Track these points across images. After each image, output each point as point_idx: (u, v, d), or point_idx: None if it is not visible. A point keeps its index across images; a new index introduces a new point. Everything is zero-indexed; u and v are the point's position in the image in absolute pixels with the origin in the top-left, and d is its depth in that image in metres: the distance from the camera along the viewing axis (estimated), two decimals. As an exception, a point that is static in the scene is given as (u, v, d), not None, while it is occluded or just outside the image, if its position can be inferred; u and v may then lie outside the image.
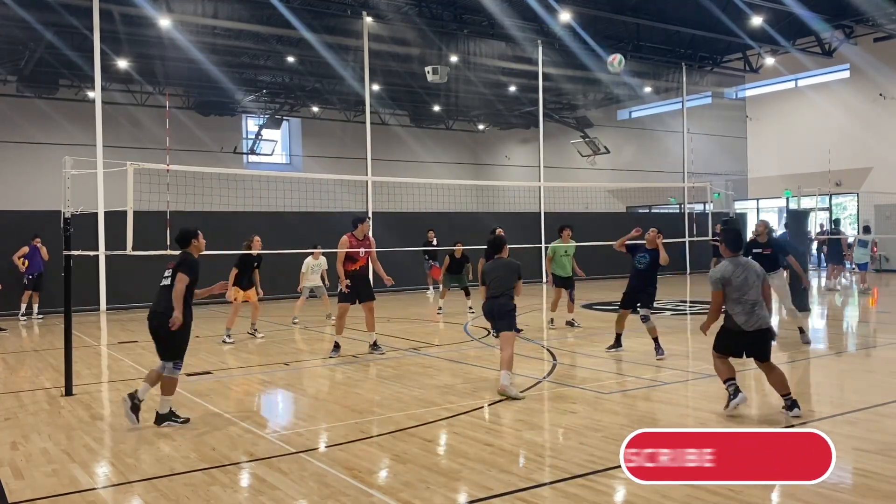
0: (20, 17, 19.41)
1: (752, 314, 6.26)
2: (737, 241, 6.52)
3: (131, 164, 8.59)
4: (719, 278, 6.33)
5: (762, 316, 6.30)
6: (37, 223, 15.88)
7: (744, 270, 6.34)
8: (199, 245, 6.84)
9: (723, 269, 6.36)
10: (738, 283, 6.28)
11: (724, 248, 6.53)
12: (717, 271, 6.39)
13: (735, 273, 6.32)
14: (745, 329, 6.27)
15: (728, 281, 6.30)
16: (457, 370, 9.05)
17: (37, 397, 7.86)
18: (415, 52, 24.30)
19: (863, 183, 26.66)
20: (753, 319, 6.25)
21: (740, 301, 6.28)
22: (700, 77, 29.72)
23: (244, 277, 11.97)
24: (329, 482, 4.91)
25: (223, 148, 31.55)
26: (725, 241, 6.53)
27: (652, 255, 9.83)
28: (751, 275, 6.34)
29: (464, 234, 18.70)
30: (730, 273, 6.33)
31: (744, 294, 6.26)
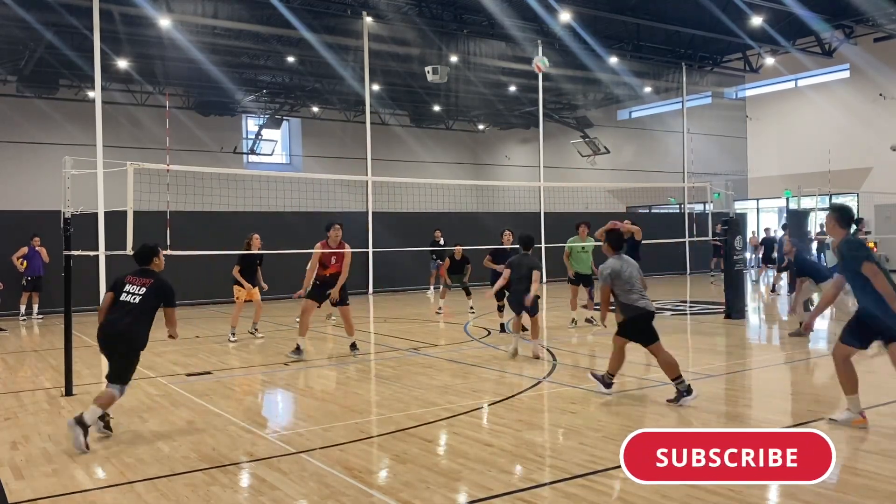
0: (20, 17, 19.42)
1: (644, 298, 7.13)
2: (619, 241, 7.48)
3: (131, 164, 8.59)
4: (609, 273, 7.12)
5: (648, 300, 7.17)
6: (37, 223, 15.88)
7: (628, 265, 7.21)
8: (160, 263, 6.64)
9: (612, 265, 7.16)
10: (627, 276, 7.11)
11: (608, 248, 7.39)
12: (606, 267, 7.18)
13: (624, 267, 7.15)
14: (648, 310, 7.05)
15: (618, 274, 7.10)
16: (457, 370, 9.05)
17: (37, 397, 7.86)
18: (415, 52, 24.30)
19: (863, 183, 26.66)
20: (648, 303, 7.12)
21: (633, 290, 7.09)
22: (700, 77, 29.72)
23: (247, 276, 11.98)
24: (329, 482, 4.91)
25: (223, 148, 31.56)
26: (609, 241, 7.42)
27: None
28: (634, 269, 7.25)
29: (464, 233, 18.73)
30: (619, 268, 7.14)
31: (634, 284, 7.10)
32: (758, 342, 11.77)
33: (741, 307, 13.87)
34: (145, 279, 6.36)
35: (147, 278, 6.37)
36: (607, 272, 7.09)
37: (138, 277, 6.39)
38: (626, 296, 7.05)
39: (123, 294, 6.32)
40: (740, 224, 14.53)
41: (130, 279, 6.39)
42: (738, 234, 14.03)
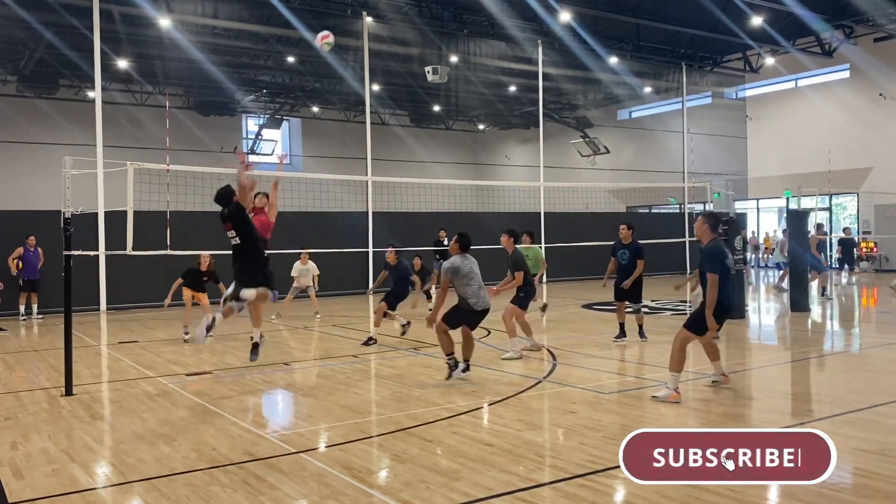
0: (20, 17, 19.42)
1: (479, 296, 8.02)
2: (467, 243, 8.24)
3: (131, 164, 8.60)
4: (448, 268, 8.00)
5: (486, 298, 8.12)
6: (37, 223, 15.87)
7: (471, 263, 8.10)
8: None
9: (453, 262, 8.04)
10: (467, 272, 7.98)
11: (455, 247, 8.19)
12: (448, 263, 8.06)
13: (465, 264, 8.04)
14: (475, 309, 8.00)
15: (457, 270, 7.98)
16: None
17: (37, 397, 7.86)
18: (415, 52, 24.30)
19: (863, 183, 26.67)
20: (481, 301, 8.03)
21: (469, 286, 7.97)
22: (700, 77, 29.72)
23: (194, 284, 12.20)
24: (329, 482, 4.91)
25: (223, 148, 31.54)
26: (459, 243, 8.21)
27: (630, 250, 10.58)
28: (475, 266, 8.12)
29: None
30: (460, 264, 8.04)
31: (471, 280, 7.98)
32: (758, 342, 11.76)
33: (741, 307, 13.87)
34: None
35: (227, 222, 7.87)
36: (447, 267, 8.01)
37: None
38: (462, 289, 8.01)
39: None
40: (740, 224, 14.54)
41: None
42: (738, 234, 14.04)
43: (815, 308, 15.27)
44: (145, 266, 16.51)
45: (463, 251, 8.20)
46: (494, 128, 41.24)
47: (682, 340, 7.08)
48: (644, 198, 32.81)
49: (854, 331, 13.04)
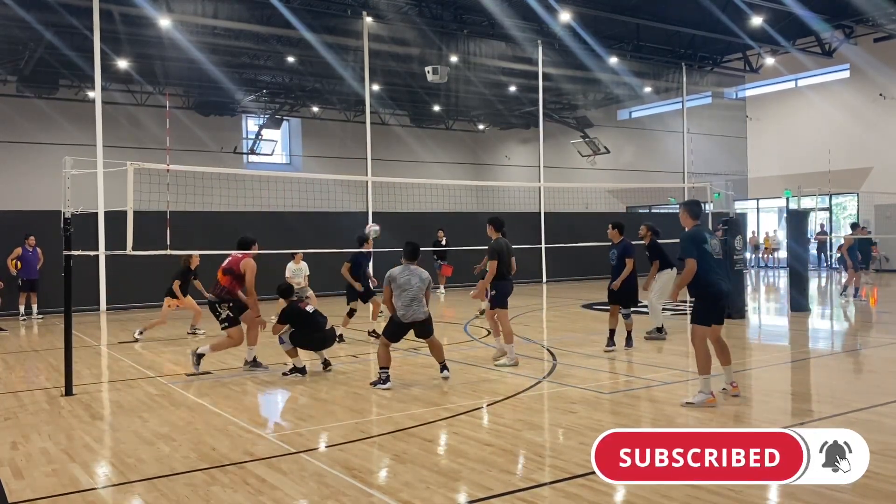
0: (20, 17, 19.42)
1: (409, 308, 7.86)
2: (414, 253, 8.10)
3: (131, 164, 8.59)
4: (387, 276, 7.94)
5: (416, 311, 7.88)
6: (37, 223, 15.87)
7: (410, 274, 7.90)
8: None
9: (391, 271, 7.95)
10: (402, 283, 7.86)
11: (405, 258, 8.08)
12: (389, 271, 7.96)
13: (402, 274, 7.90)
14: (403, 321, 7.89)
15: (394, 279, 7.88)
16: (457, 370, 9.05)
17: (37, 397, 7.86)
18: (415, 52, 24.30)
19: (863, 183, 26.67)
20: (410, 313, 7.87)
21: (400, 297, 7.86)
22: (700, 77, 29.73)
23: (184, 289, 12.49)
24: (329, 482, 4.91)
25: (223, 148, 31.56)
26: (405, 252, 8.09)
27: (618, 250, 10.42)
28: (414, 278, 7.90)
29: (464, 233, 18.72)
30: (396, 274, 7.92)
31: (403, 291, 7.84)
32: (758, 342, 11.76)
33: (741, 307, 13.87)
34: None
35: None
36: (387, 275, 7.94)
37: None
38: (395, 299, 7.93)
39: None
40: (740, 224, 14.55)
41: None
42: (739, 234, 14.04)
43: (813, 308, 15.27)
44: (145, 266, 16.50)
45: (408, 260, 8.06)
46: (494, 128, 41.24)
47: (698, 339, 6.88)
48: (644, 198, 32.81)
49: (854, 331, 13.04)
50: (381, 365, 7.94)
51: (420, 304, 7.92)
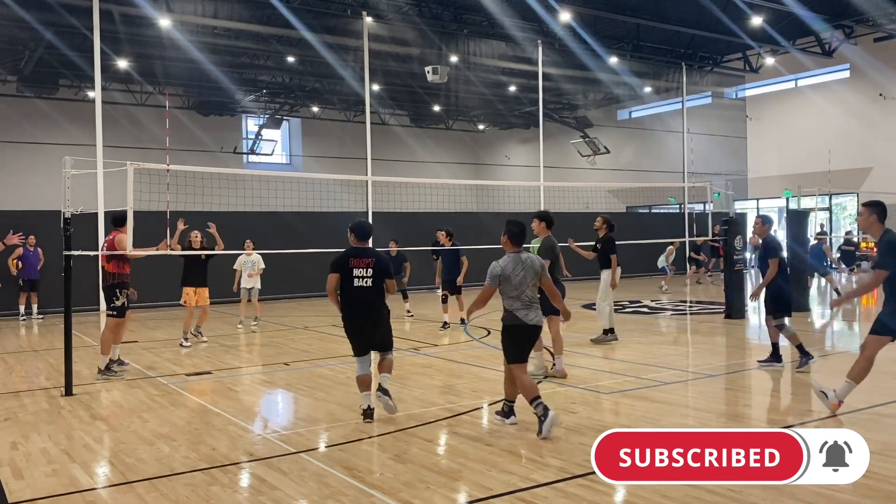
0: (20, 17, 19.41)
1: (532, 309, 6.09)
2: (521, 236, 6.22)
3: (131, 164, 8.59)
4: (493, 272, 6.06)
5: (538, 312, 6.15)
6: (37, 223, 15.87)
7: (523, 268, 6.07)
8: None
9: (500, 264, 6.08)
10: (517, 281, 6.03)
11: (512, 243, 6.19)
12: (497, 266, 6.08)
13: (515, 269, 6.05)
14: (527, 322, 6.04)
15: (505, 277, 6.03)
16: (457, 370, 9.05)
17: (37, 397, 7.86)
18: (415, 52, 24.30)
19: (863, 183, 26.67)
20: (532, 314, 6.08)
21: (517, 298, 6.05)
22: (700, 77, 29.73)
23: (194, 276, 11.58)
24: (329, 482, 4.91)
25: (223, 148, 31.55)
26: (510, 235, 6.18)
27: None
28: (528, 273, 6.08)
29: (464, 234, 18.71)
30: (510, 270, 6.04)
31: (521, 293, 6.04)
32: (758, 342, 11.76)
33: (741, 307, 13.87)
34: (368, 258, 6.44)
35: (369, 257, 6.45)
36: (493, 271, 6.07)
37: (361, 259, 6.43)
38: (512, 302, 6.08)
39: (355, 280, 6.36)
40: (740, 224, 14.55)
41: (354, 262, 6.41)
42: (739, 234, 14.04)
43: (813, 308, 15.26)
44: (145, 266, 16.49)
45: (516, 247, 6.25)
46: (494, 128, 41.24)
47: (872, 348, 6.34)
48: (644, 198, 32.81)
49: (854, 331, 13.04)
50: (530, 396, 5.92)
51: (538, 305, 6.20)
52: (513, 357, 6.08)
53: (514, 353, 6.08)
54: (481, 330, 12.75)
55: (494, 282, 6.03)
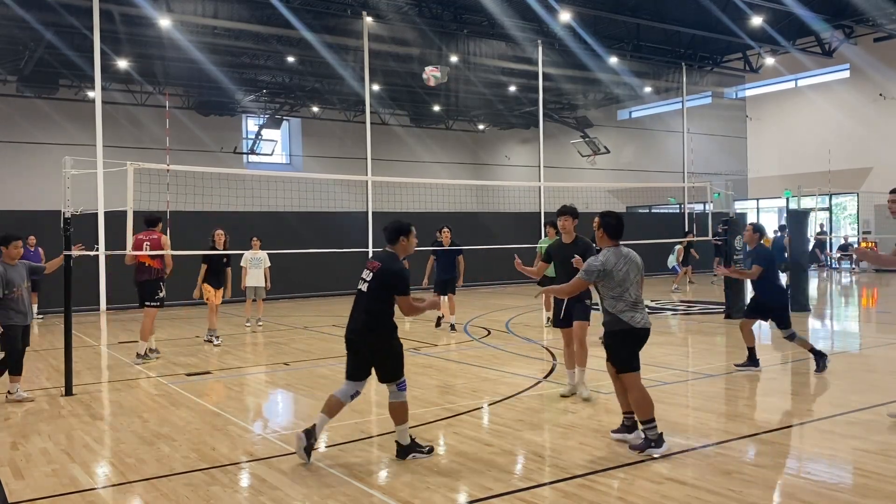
0: (20, 17, 19.43)
1: (640, 309, 5.47)
2: (619, 228, 5.55)
3: (131, 164, 8.60)
4: (595, 268, 5.42)
5: (645, 313, 5.51)
6: (37, 223, 15.87)
7: (627, 262, 5.46)
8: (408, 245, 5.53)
9: (603, 259, 5.43)
10: (621, 277, 5.41)
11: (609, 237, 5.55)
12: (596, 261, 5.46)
13: (619, 264, 5.41)
14: (636, 326, 5.41)
15: (609, 274, 5.39)
16: (457, 370, 9.05)
17: (37, 397, 7.86)
18: (415, 52, 24.30)
19: (863, 183, 26.68)
20: (642, 316, 5.46)
21: (622, 298, 5.41)
22: (700, 77, 29.74)
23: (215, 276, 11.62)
24: (329, 482, 4.91)
25: (223, 148, 31.56)
26: (607, 228, 5.55)
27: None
28: (632, 267, 5.48)
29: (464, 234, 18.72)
30: (612, 265, 5.40)
31: (626, 290, 5.41)
32: (758, 342, 11.74)
33: (741, 307, 13.86)
34: (375, 262, 5.47)
35: (376, 261, 5.47)
36: (595, 267, 5.43)
37: (370, 262, 5.49)
38: (616, 302, 5.44)
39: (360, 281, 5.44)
40: (740, 224, 14.55)
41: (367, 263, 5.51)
42: (739, 234, 14.05)
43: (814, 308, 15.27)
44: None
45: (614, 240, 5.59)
46: (494, 128, 41.25)
47: None
48: (644, 198, 32.82)
49: (854, 331, 13.04)
50: (642, 418, 5.34)
51: (643, 303, 5.55)
52: (621, 364, 5.49)
53: (622, 359, 5.48)
54: (481, 330, 12.75)
55: (591, 278, 5.41)
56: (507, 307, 16.36)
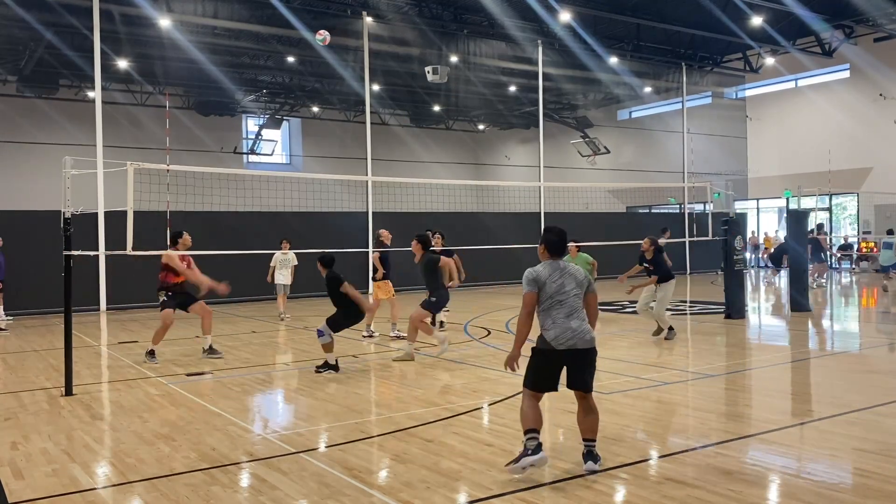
0: (20, 17, 19.44)
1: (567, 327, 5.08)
2: (561, 245, 5.26)
3: (131, 164, 8.59)
4: (528, 277, 5.15)
5: (579, 330, 5.08)
6: (37, 223, 15.87)
7: (562, 274, 5.14)
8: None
9: (535, 270, 5.18)
10: (553, 288, 5.10)
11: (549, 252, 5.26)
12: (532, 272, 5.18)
13: (552, 275, 5.12)
14: (556, 347, 5.08)
15: (541, 282, 5.10)
16: (457, 370, 9.05)
17: (37, 397, 7.86)
18: (415, 52, 24.32)
19: (863, 183, 26.68)
20: (569, 335, 5.06)
21: (552, 310, 5.12)
22: (700, 77, 29.75)
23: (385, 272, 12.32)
24: (329, 482, 4.91)
25: (223, 148, 31.59)
26: (548, 244, 5.26)
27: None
28: (568, 280, 5.14)
29: (464, 234, 18.73)
30: (545, 275, 5.11)
31: (559, 302, 5.10)
32: (758, 342, 11.76)
33: (741, 307, 13.88)
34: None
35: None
36: (528, 276, 5.17)
37: None
38: (545, 316, 5.18)
39: None
40: (740, 224, 14.56)
41: None
42: (739, 234, 14.05)
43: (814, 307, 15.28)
44: (145, 266, 16.48)
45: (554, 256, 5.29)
46: (494, 128, 41.26)
47: None
48: (644, 198, 32.84)
49: (854, 330, 13.04)
50: (526, 427, 5.03)
51: (582, 320, 5.15)
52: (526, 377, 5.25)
53: (528, 372, 5.25)
54: (481, 330, 12.75)
55: (527, 287, 5.17)
56: (506, 307, 16.36)
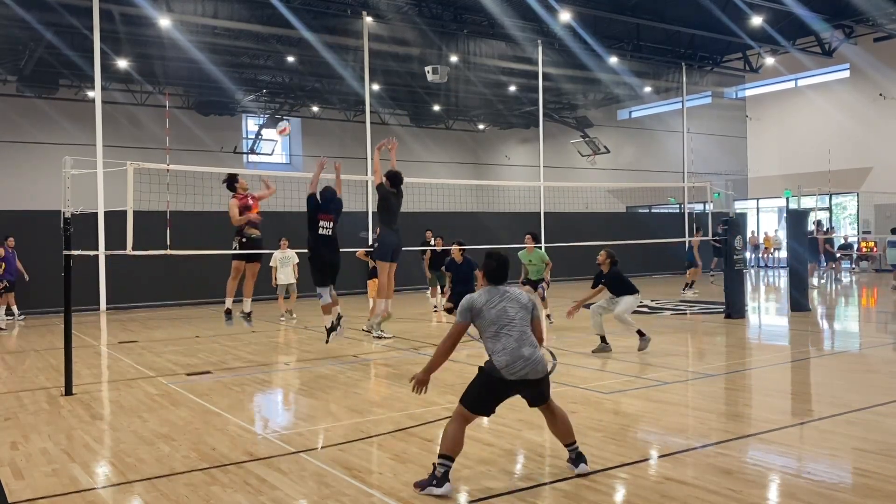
0: (20, 17, 19.44)
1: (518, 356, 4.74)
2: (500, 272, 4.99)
3: (131, 164, 8.60)
4: (463, 307, 4.90)
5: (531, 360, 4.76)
6: (37, 223, 15.87)
7: (501, 299, 4.89)
8: None
9: (470, 298, 4.94)
10: (493, 315, 4.83)
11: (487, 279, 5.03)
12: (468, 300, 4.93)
13: (489, 302, 4.86)
14: (507, 377, 4.72)
15: (478, 311, 4.86)
16: (457, 370, 9.05)
17: (37, 397, 7.86)
18: (415, 52, 24.32)
19: (863, 183, 26.68)
20: (520, 365, 4.72)
21: (499, 338, 4.79)
22: (700, 77, 29.75)
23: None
24: (329, 482, 4.91)
25: (223, 148, 31.57)
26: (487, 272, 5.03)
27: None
28: (510, 304, 4.89)
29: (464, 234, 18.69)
30: (481, 303, 4.87)
31: (501, 329, 4.80)
32: (758, 342, 11.76)
33: (741, 307, 13.88)
34: None
35: None
36: (463, 306, 4.91)
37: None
38: (493, 343, 4.83)
39: None
40: (740, 224, 14.55)
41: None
42: (739, 234, 14.05)
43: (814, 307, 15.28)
44: (145, 266, 16.51)
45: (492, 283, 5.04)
46: (494, 127, 41.25)
47: None
48: (644, 198, 32.84)
49: (854, 330, 13.04)
50: (443, 450, 4.70)
51: (534, 346, 4.84)
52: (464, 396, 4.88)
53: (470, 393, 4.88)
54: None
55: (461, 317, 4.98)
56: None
